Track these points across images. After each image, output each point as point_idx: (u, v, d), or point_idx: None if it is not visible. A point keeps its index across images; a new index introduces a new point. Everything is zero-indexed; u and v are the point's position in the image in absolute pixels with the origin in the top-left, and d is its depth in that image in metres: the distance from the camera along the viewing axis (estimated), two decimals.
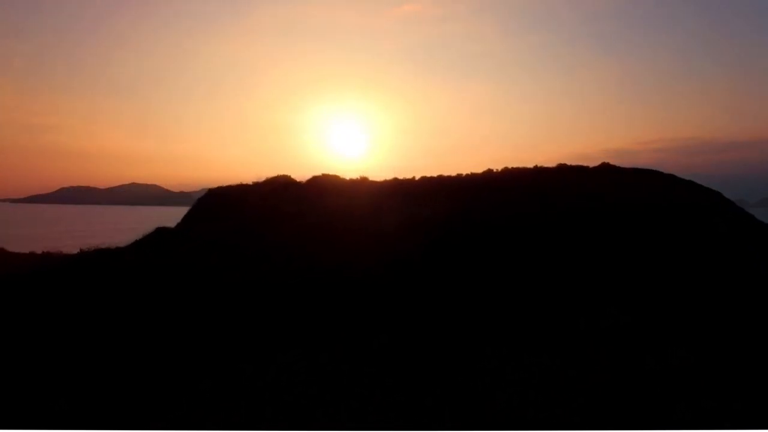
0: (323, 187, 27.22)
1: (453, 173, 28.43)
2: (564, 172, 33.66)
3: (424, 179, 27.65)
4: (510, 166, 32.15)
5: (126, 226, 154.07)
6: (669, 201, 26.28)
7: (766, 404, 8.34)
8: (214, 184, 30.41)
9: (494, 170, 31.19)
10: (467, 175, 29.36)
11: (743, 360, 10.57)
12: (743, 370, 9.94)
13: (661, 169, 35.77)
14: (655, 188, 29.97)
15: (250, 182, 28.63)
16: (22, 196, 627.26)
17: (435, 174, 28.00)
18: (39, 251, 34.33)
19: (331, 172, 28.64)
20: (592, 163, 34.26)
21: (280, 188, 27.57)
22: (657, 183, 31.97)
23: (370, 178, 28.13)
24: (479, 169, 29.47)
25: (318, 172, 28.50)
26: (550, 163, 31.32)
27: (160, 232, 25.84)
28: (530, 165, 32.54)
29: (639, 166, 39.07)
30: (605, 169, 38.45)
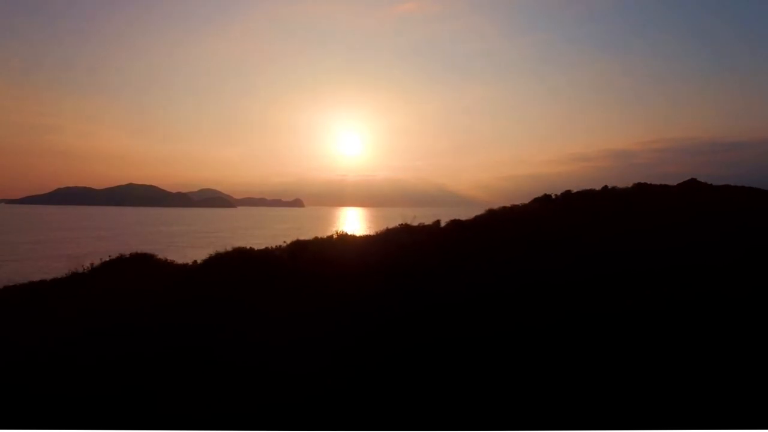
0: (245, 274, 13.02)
1: (488, 198, 18.31)
2: (646, 195, 24.12)
3: (455, 226, 15.31)
4: (573, 189, 22.53)
5: (109, 233, 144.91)
6: None
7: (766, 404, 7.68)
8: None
9: (553, 196, 21.60)
10: (516, 207, 19.61)
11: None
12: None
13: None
14: None
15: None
16: (18, 197, 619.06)
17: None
18: None
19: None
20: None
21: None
22: None
23: (355, 233, 15.33)
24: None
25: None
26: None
27: None
28: (595, 185, 23.12)
29: (727, 182, 29.66)
30: (691, 187, 28.98)
